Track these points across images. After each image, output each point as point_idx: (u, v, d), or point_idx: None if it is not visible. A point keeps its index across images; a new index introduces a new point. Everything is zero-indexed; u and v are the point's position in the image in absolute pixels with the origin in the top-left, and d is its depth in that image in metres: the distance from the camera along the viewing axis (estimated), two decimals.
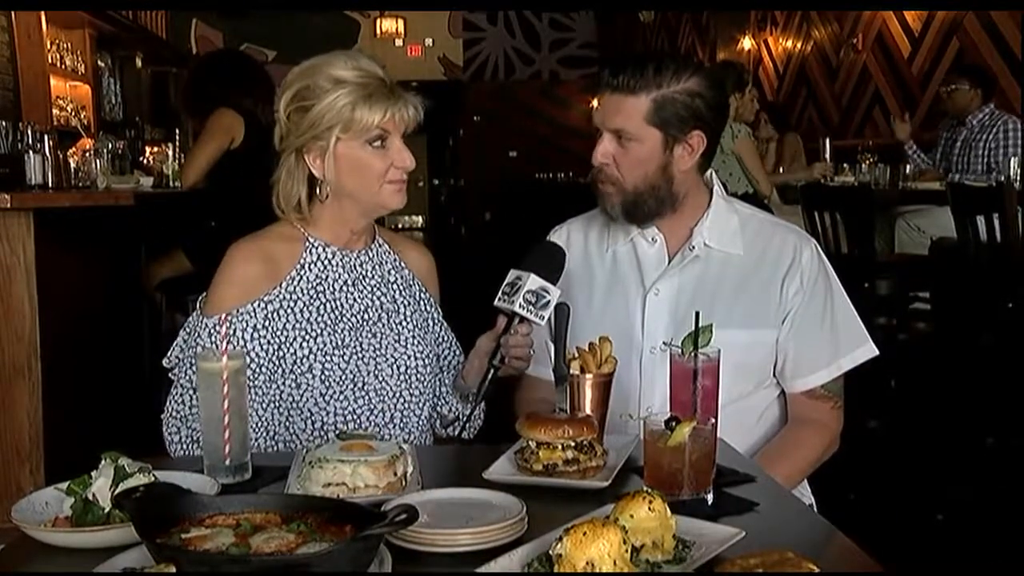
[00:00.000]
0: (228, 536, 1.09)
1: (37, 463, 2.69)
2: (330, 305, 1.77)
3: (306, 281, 1.77)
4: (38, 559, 1.20)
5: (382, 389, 1.77)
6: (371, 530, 1.06)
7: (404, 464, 1.35)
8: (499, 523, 1.17)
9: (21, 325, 2.72)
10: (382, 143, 1.72)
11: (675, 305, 1.85)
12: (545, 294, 1.58)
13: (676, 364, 1.46)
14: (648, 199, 1.83)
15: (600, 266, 1.94)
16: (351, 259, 1.82)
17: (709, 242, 1.87)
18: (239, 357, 1.46)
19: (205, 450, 1.45)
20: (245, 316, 1.72)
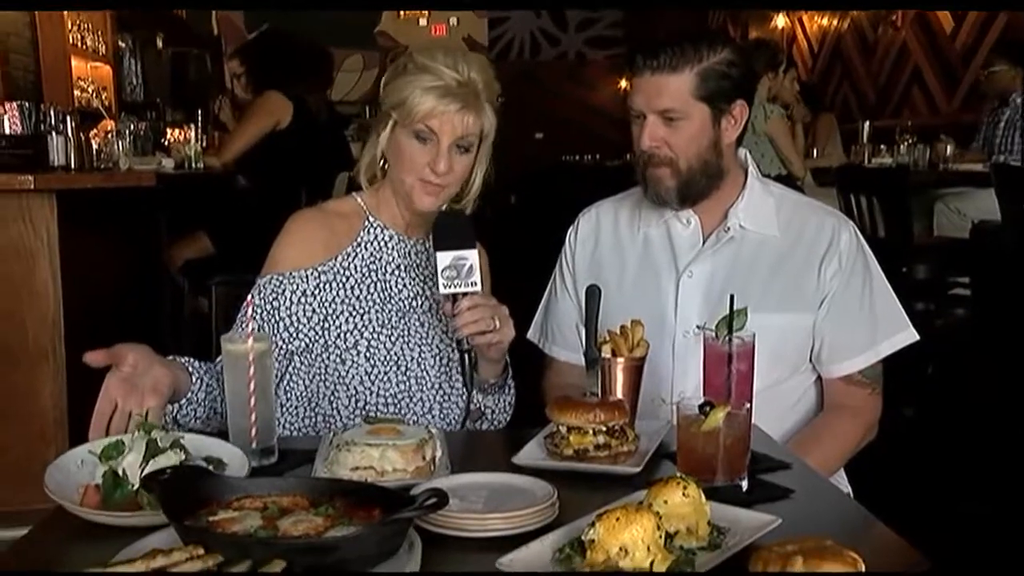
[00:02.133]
0: (256, 519, 1.10)
1: (61, 447, 2.70)
2: (380, 285, 1.79)
3: (360, 259, 1.80)
4: (70, 534, 1.22)
5: (423, 377, 1.78)
6: (401, 514, 1.07)
7: (433, 448, 1.36)
8: (530, 508, 1.17)
9: (45, 308, 2.75)
10: (427, 140, 1.72)
11: (709, 288, 1.84)
12: (462, 261, 1.57)
13: (710, 348, 1.46)
14: (701, 177, 1.83)
15: (632, 248, 1.94)
16: (407, 245, 1.84)
17: (745, 223, 1.86)
18: (264, 339, 1.47)
19: (231, 432, 1.46)
20: (297, 280, 1.75)
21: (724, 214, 1.87)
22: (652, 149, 1.80)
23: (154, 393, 1.47)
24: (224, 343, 1.48)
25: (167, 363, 1.54)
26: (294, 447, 1.51)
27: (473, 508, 1.17)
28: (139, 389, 1.45)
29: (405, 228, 1.84)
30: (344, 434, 1.37)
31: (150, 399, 1.45)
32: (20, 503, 2.58)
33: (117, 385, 1.44)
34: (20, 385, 2.73)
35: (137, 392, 1.44)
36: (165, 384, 1.49)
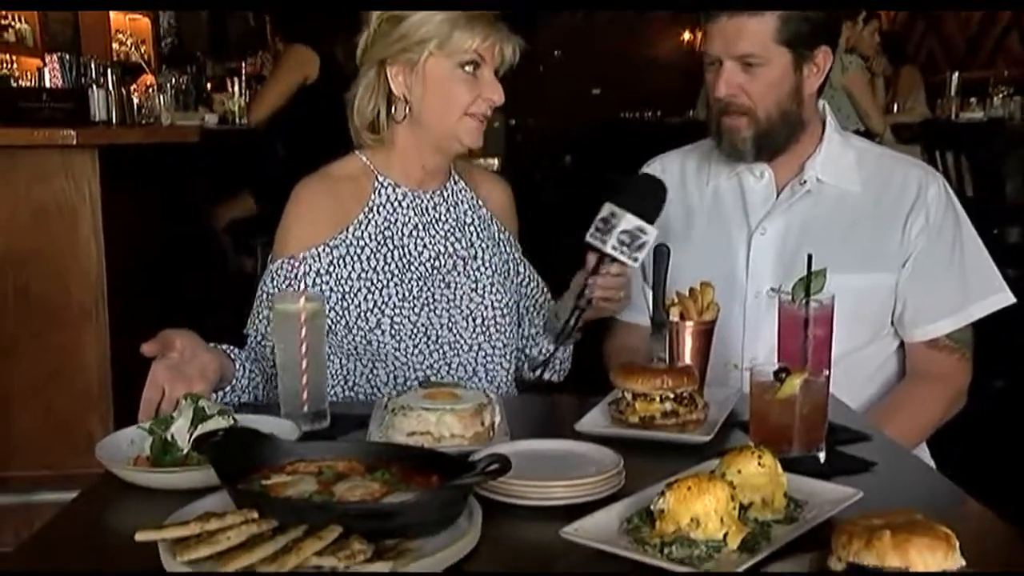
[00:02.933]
0: (310, 484, 1.12)
1: (106, 410, 2.78)
2: (398, 253, 1.77)
3: (374, 226, 1.78)
4: (119, 498, 1.25)
5: (457, 343, 1.77)
6: (461, 480, 1.08)
7: (491, 413, 1.37)
8: (595, 476, 1.18)
9: (88, 266, 2.81)
10: (474, 71, 1.71)
11: (783, 246, 1.82)
12: (641, 234, 1.56)
13: (785, 311, 1.44)
14: (780, 128, 1.80)
15: (700, 203, 1.92)
16: (423, 201, 1.81)
17: (822, 177, 1.83)
18: (317, 299, 1.49)
19: (282, 397, 1.49)
20: (308, 260, 1.74)
21: (800, 167, 1.84)
22: (728, 97, 1.78)
23: (201, 379, 1.49)
24: (275, 303, 1.50)
25: (212, 349, 1.56)
26: (346, 412, 1.53)
27: (535, 476, 1.18)
28: (186, 375, 1.47)
29: (420, 182, 1.81)
30: (399, 398, 1.39)
31: (197, 384, 1.47)
32: (68, 466, 2.68)
33: (164, 371, 1.46)
34: (65, 345, 2.80)
35: (184, 378, 1.46)
36: (211, 370, 1.51)
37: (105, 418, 2.79)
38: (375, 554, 0.98)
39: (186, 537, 1.00)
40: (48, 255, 2.81)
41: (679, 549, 1.01)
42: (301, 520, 1.01)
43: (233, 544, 0.98)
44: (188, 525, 1.01)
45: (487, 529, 1.07)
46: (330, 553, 0.97)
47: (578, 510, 1.10)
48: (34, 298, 2.80)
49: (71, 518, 1.22)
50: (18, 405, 2.81)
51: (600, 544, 1.03)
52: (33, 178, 2.78)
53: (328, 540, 0.98)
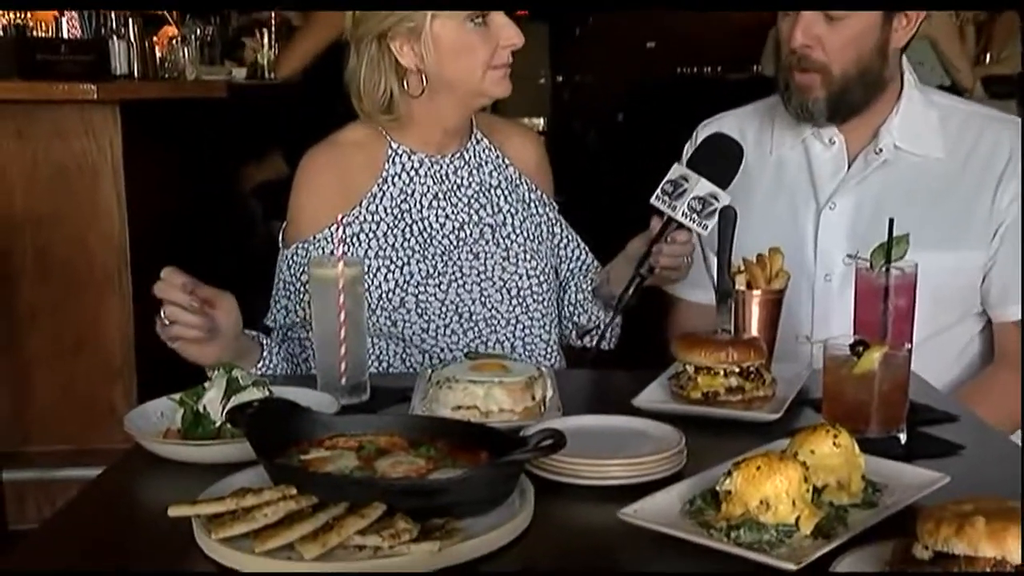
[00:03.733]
0: (351, 459, 1.13)
1: (129, 382, 2.83)
2: (418, 226, 1.77)
3: (389, 198, 1.77)
4: (148, 473, 1.27)
5: (493, 317, 1.77)
6: (512, 456, 1.08)
7: (542, 387, 1.37)
8: (655, 454, 1.18)
9: (110, 229, 2.84)
10: (483, 20, 1.68)
11: (855, 222, 1.79)
12: (714, 201, 1.55)
13: (863, 280, 1.43)
14: (856, 88, 1.76)
15: (761, 175, 1.88)
16: (442, 167, 1.80)
17: (900, 143, 1.80)
18: (356, 264, 1.50)
19: (318, 368, 1.51)
20: (322, 242, 1.74)
21: (874, 133, 1.81)
22: (803, 50, 1.73)
23: (214, 348, 1.52)
24: (312, 268, 1.51)
25: (245, 335, 1.60)
26: (386, 385, 1.54)
27: (591, 453, 1.18)
28: (208, 335, 1.50)
29: (438, 147, 1.80)
30: (444, 370, 1.40)
31: (209, 350, 1.51)
32: (90, 441, 2.73)
33: (193, 319, 1.49)
34: (86, 314, 2.84)
35: (205, 333, 1.49)
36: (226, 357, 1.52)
37: (128, 390, 2.83)
38: (421, 533, 0.99)
39: (221, 513, 1.02)
40: (68, 218, 2.85)
41: (747, 533, 1.01)
42: (342, 497, 1.02)
43: (271, 521, 1.00)
44: (223, 501, 1.03)
45: (539, 509, 1.08)
46: (373, 532, 0.98)
47: (637, 490, 1.10)
48: (53, 264, 2.84)
49: (99, 493, 1.25)
50: (37, 377, 2.86)
51: (661, 527, 1.03)
52: (52, 135, 2.83)
53: (371, 518, 0.99)
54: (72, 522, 1.17)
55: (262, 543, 0.98)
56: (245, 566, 0.98)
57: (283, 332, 1.80)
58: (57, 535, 1.13)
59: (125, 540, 1.10)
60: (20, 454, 2.78)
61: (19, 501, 2.72)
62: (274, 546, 0.97)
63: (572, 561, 1.04)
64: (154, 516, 1.09)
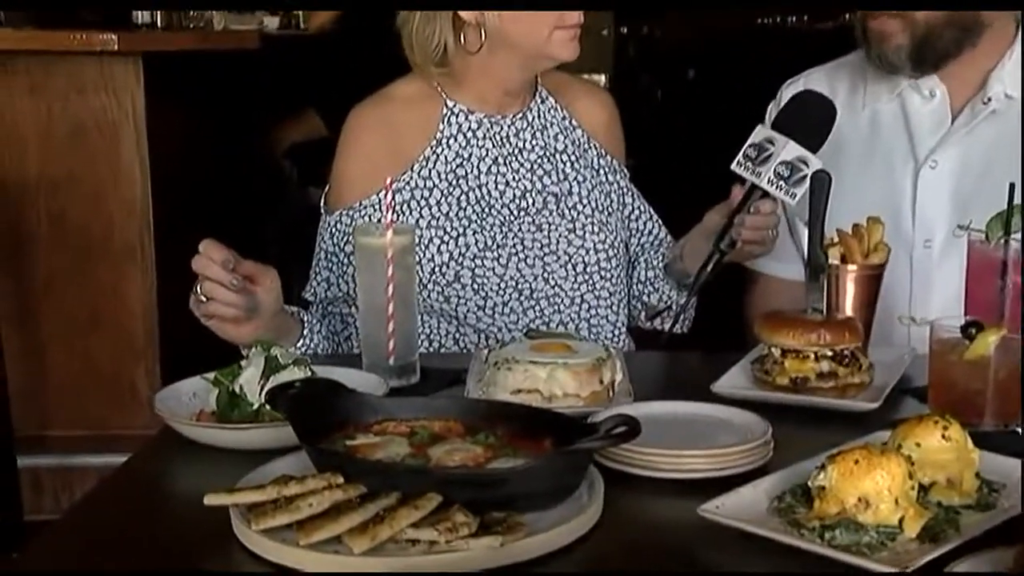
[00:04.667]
0: (402, 446, 1.15)
1: (152, 361, 2.87)
2: (474, 194, 1.77)
3: (443, 163, 1.78)
4: (180, 458, 1.30)
5: (557, 295, 1.78)
6: (580, 444, 1.08)
7: (611, 370, 1.38)
8: (739, 445, 1.18)
9: (131, 194, 2.88)
10: None
11: (959, 182, 1.77)
12: (803, 166, 1.53)
13: (977, 253, 1.41)
14: (946, 31, 1.73)
15: (853, 132, 1.87)
16: (503, 128, 1.81)
17: (1012, 91, 1.77)
18: (407, 232, 1.51)
19: (364, 346, 1.52)
20: (368, 210, 1.75)
21: (983, 80, 1.79)
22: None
23: (252, 326, 1.53)
24: (357, 236, 1.53)
25: (284, 311, 1.61)
26: (438, 366, 1.56)
27: (666, 443, 1.18)
28: (247, 313, 1.51)
29: (498, 106, 1.80)
30: (503, 350, 1.41)
31: (246, 329, 1.52)
32: (110, 425, 2.78)
33: (233, 296, 1.49)
34: (105, 285, 2.87)
35: (245, 312, 1.50)
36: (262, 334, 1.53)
37: (151, 370, 2.87)
38: (480, 528, 1.00)
39: (262, 503, 1.04)
40: (86, 180, 2.88)
41: (844, 534, 1.00)
42: (393, 487, 1.03)
43: (315, 512, 1.01)
44: (264, 489, 1.05)
45: (609, 504, 1.08)
46: (428, 525, 0.99)
47: (718, 485, 1.11)
48: (70, 231, 2.88)
49: (126, 480, 1.27)
50: (52, 355, 2.91)
51: (747, 525, 1.03)
52: (68, 90, 2.85)
53: (426, 510, 1.00)
54: (96, 512, 1.19)
55: (307, 535, 0.99)
56: (288, 560, 0.99)
57: (324, 307, 1.81)
58: (80, 527, 1.16)
59: (155, 532, 1.12)
60: (36, 438, 2.82)
61: (35, 489, 2.77)
62: (320, 538, 0.99)
63: (646, 561, 1.04)
64: (187, 505, 1.11)
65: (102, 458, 2.70)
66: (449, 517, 1.00)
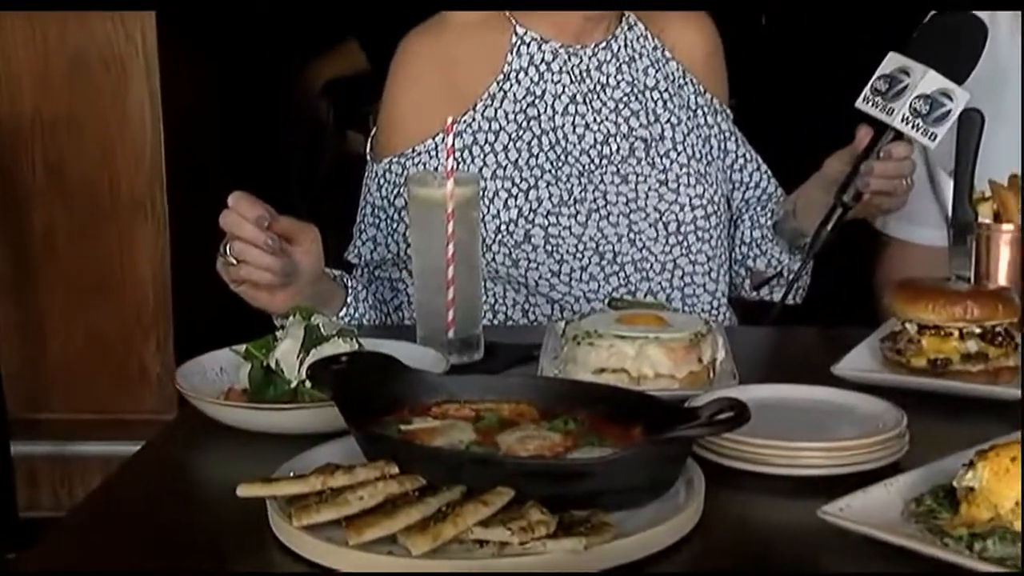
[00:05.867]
0: (466, 432, 1.16)
1: (164, 334, 2.88)
2: (548, 138, 1.78)
3: (512, 100, 1.79)
4: (206, 444, 1.32)
5: (644, 260, 1.78)
6: (679, 431, 1.09)
7: (712, 346, 1.38)
8: (867, 438, 1.17)
9: (140, 142, 2.89)
10: None
11: None
12: (946, 100, 1.52)
13: None
14: None
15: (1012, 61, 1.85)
16: (582, 61, 1.81)
17: None
18: (470, 182, 1.52)
19: (419, 316, 1.54)
20: (423, 157, 1.77)
21: None
22: None
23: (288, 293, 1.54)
24: (411, 186, 1.54)
25: (325, 276, 1.63)
26: (505, 340, 1.57)
27: (780, 433, 1.18)
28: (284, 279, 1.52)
29: (576, 35, 1.81)
30: (583, 322, 1.41)
31: (282, 296, 1.53)
32: (115, 408, 2.81)
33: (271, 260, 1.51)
34: (111, 247, 2.89)
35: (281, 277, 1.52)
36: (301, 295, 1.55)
37: (163, 345, 2.89)
38: (559, 528, 1.01)
39: (303, 495, 1.05)
40: (89, 125, 2.90)
41: (997, 545, 1.00)
42: (457, 479, 1.05)
43: (368, 506, 1.03)
44: (307, 480, 1.06)
45: (711, 503, 1.09)
46: (499, 524, 1.00)
47: (842, 483, 1.10)
48: (70, 183, 2.90)
49: (144, 467, 1.30)
50: (51, 327, 2.94)
51: (877, 531, 1.02)
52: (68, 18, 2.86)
53: (495, 506, 1.01)
54: (109, 506, 1.20)
55: (357, 533, 1.00)
56: (334, 561, 1.00)
57: (370, 271, 1.83)
58: (90, 523, 1.17)
59: (178, 529, 1.13)
60: (31, 422, 2.85)
61: (31, 481, 2.81)
62: (372, 537, 1.00)
63: (754, 569, 1.05)
64: (215, 498, 1.14)
65: (106, 446, 2.74)
66: (523, 515, 1.00)
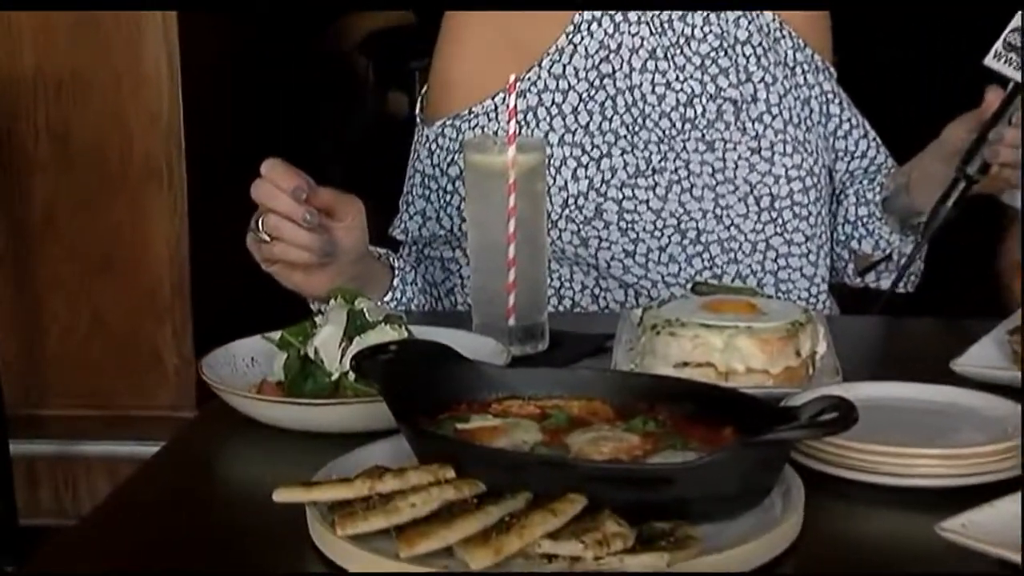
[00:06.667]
0: (531, 431, 1.16)
1: (182, 320, 2.89)
2: (624, 99, 1.79)
3: (582, 56, 1.79)
4: (237, 443, 1.33)
5: (732, 240, 1.79)
6: (776, 434, 1.08)
7: (812, 338, 1.38)
8: (991, 444, 1.17)
9: (156, 103, 2.90)
10: None
11: None
12: None
13: None
14: None
15: None
16: (663, 10, 1.81)
17: None
18: (535, 149, 1.52)
19: (475, 301, 1.54)
20: (481, 118, 1.78)
21: None
22: None
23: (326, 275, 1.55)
24: (467, 153, 1.54)
25: (369, 254, 1.64)
26: (573, 329, 1.57)
27: (891, 438, 1.18)
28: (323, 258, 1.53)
29: None
30: (663, 309, 1.41)
31: (319, 278, 1.54)
32: (126, 403, 2.83)
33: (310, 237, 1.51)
34: (122, 220, 2.91)
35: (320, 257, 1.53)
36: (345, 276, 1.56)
37: (180, 332, 2.91)
38: (638, 542, 1.01)
39: (348, 501, 1.06)
40: (97, 86, 2.92)
41: None
42: (522, 485, 1.05)
43: (420, 515, 1.03)
44: (351, 484, 1.07)
45: (812, 516, 1.08)
46: (571, 536, 1.00)
47: (962, 496, 1.10)
48: (77, 148, 2.92)
49: (168, 468, 1.31)
50: (52, 311, 2.96)
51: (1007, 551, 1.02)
52: None
53: (566, 516, 1.01)
54: (129, 512, 1.21)
55: (409, 545, 1.00)
56: None
57: (419, 249, 1.84)
58: (107, 530, 1.17)
59: (206, 539, 1.14)
60: (30, 419, 2.86)
61: (30, 484, 2.83)
62: (427, 550, 1.00)
63: None
64: (248, 504, 1.15)
65: (114, 446, 2.77)
66: (597, 526, 1.00)
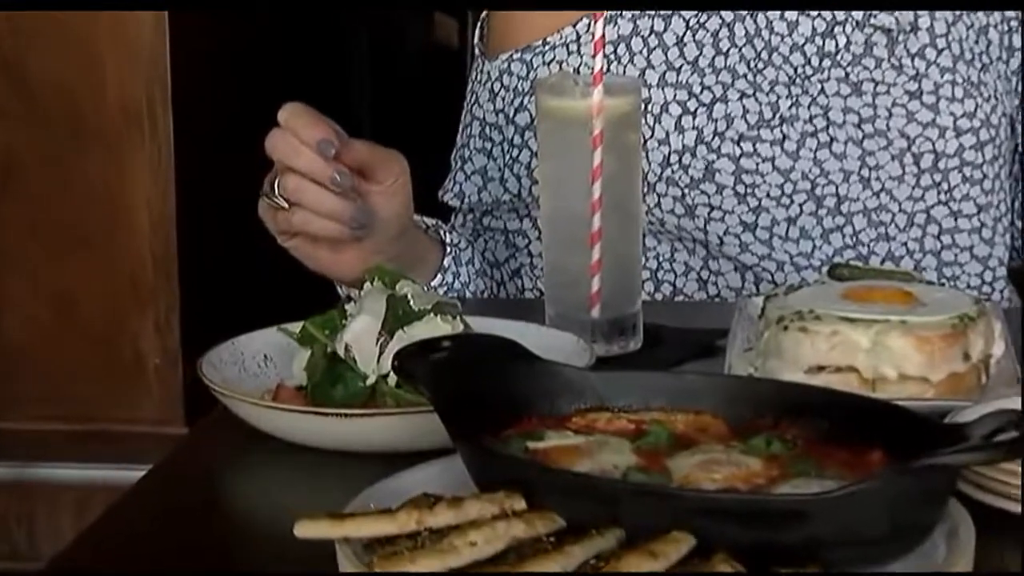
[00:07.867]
0: (623, 452, 1.17)
1: (169, 306, 2.87)
2: (743, 27, 1.82)
3: None
4: (247, 461, 1.34)
5: (883, 209, 1.81)
6: (938, 457, 1.08)
7: (984, 337, 1.37)
8: None
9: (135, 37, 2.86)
10: None
11: None
12: None
13: None
14: None
15: None
16: None
17: None
18: (629, 91, 1.52)
19: (549, 286, 1.55)
20: (559, 51, 1.81)
21: None
22: None
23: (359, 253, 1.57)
24: (540, 96, 1.54)
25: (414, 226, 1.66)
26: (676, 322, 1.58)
27: None
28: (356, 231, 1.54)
29: None
30: (792, 298, 1.41)
31: (349, 256, 1.56)
32: (100, 414, 2.85)
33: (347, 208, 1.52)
34: (94, 180, 2.90)
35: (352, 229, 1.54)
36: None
37: (165, 324, 2.90)
38: None
39: (391, 538, 1.06)
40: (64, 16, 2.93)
41: None
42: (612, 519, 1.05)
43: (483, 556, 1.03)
44: (394, 516, 1.07)
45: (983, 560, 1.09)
46: None
47: None
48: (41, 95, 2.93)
49: (155, 497, 1.31)
50: (9, 297, 2.98)
51: None
52: None
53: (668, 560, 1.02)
54: (102, 559, 1.20)
55: None
56: None
57: (476, 219, 1.85)
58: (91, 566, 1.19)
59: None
60: None
61: None
62: None
63: None
64: (264, 542, 1.17)
65: (82, 469, 2.78)
66: (710, 570, 1.01)
